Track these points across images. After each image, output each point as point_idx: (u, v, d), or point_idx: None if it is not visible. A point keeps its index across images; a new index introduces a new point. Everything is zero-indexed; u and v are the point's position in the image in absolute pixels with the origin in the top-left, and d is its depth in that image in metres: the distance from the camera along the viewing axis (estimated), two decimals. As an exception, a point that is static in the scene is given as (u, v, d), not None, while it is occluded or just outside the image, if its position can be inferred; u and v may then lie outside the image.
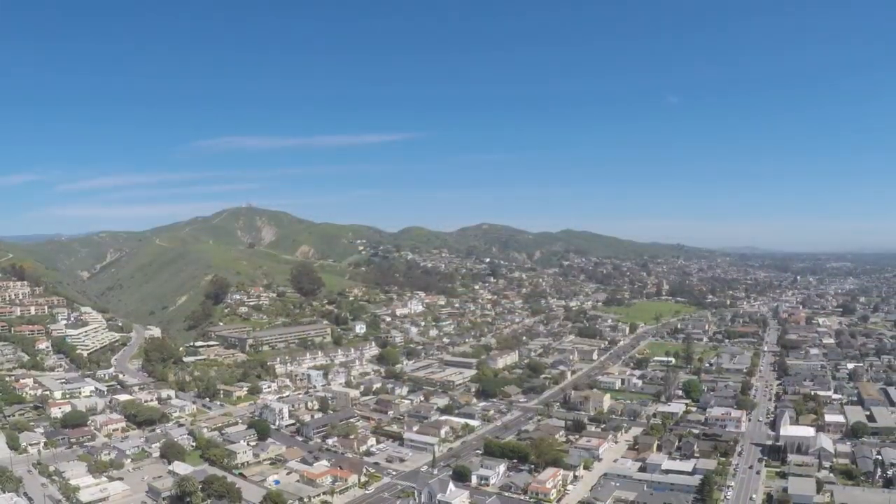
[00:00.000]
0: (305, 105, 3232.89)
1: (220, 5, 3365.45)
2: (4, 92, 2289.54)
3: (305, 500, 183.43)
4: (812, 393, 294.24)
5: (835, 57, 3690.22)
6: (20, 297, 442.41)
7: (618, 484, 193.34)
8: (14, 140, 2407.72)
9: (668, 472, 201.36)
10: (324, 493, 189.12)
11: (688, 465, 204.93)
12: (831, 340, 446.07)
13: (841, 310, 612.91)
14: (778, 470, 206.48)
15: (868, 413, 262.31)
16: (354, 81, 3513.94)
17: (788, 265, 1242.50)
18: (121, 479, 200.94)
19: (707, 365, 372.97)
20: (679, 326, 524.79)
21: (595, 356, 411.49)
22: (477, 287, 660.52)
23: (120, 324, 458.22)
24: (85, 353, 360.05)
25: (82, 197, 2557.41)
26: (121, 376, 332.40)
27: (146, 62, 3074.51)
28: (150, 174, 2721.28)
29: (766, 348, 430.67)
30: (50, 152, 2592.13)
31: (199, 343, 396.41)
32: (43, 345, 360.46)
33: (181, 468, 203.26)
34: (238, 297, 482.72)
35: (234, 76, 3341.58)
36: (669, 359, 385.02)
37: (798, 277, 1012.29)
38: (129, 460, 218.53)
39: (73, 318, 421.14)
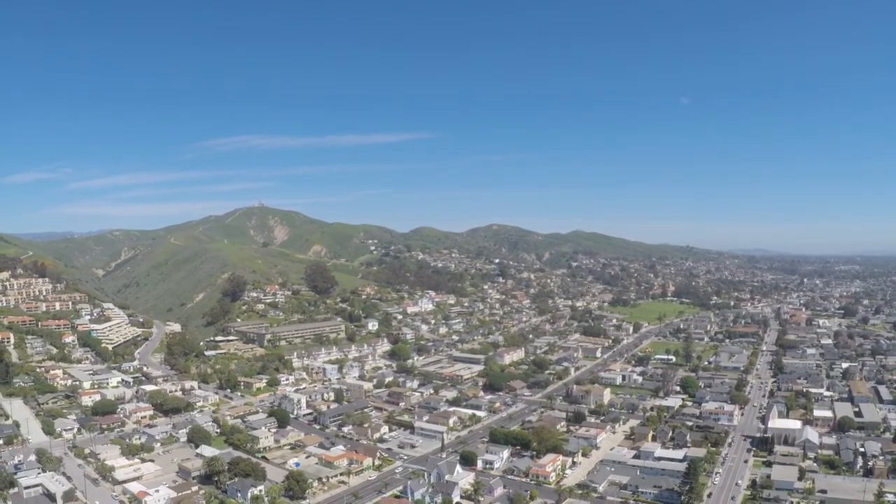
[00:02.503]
0: (317, 105, 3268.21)
1: (233, 4, 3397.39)
2: (16, 90, 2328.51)
3: (324, 479, 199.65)
4: (804, 390, 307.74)
5: (847, 58, 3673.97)
6: (43, 293, 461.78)
7: (613, 469, 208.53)
8: (25, 138, 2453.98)
9: (660, 459, 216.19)
10: (341, 475, 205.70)
11: (679, 454, 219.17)
12: (829, 341, 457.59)
13: (842, 311, 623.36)
14: (764, 459, 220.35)
15: (856, 409, 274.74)
16: (365, 81, 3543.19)
17: (796, 268, 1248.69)
18: (152, 460, 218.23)
19: (706, 363, 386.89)
20: (681, 326, 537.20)
21: (598, 354, 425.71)
22: (486, 287, 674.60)
23: (141, 319, 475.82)
24: (109, 347, 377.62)
25: (93, 195, 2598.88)
26: (145, 369, 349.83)
27: (155, 61, 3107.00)
28: (161, 173, 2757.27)
29: (764, 348, 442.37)
30: (61, 151, 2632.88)
31: (219, 338, 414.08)
32: (69, 339, 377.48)
33: (208, 451, 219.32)
34: (255, 294, 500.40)
35: (244, 75, 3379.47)
36: (670, 357, 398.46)
37: (805, 280, 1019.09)
38: (158, 444, 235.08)
39: (96, 314, 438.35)
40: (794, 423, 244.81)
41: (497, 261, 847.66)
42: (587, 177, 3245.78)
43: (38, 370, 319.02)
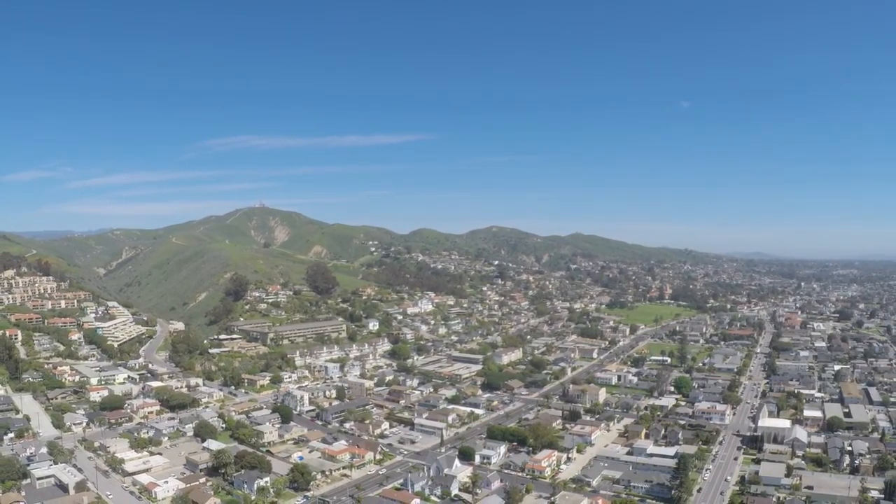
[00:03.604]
0: (317, 105, 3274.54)
1: (233, 4, 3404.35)
2: (16, 89, 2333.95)
3: (327, 472, 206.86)
4: (796, 391, 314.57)
5: (846, 62, 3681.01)
6: (48, 291, 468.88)
7: (606, 464, 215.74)
8: (25, 137, 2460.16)
9: (652, 455, 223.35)
10: (343, 468, 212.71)
11: (670, 451, 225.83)
12: (823, 344, 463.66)
13: (838, 315, 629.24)
14: (754, 457, 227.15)
15: (846, 410, 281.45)
16: (367, 82, 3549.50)
17: (794, 271, 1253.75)
18: (160, 454, 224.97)
19: (700, 364, 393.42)
20: (677, 328, 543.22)
21: (595, 355, 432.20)
22: (485, 288, 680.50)
23: (145, 318, 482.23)
24: (115, 345, 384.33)
25: (93, 194, 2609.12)
26: (150, 366, 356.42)
27: (156, 60, 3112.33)
28: (161, 172, 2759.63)
29: (759, 350, 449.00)
30: (61, 149, 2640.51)
31: (222, 336, 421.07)
32: (75, 336, 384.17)
33: (214, 445, 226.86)
34: (257, 294, 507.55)
35: (245, 75, 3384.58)
36: (665, 358, 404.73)
37: (802, 284, 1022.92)
38: (165, 438, 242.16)
39: (101, 312, 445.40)
40: (783, 423, 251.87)
41: (496, 263, 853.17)
42: (587, 179, 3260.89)
43: (46, 366, 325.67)
